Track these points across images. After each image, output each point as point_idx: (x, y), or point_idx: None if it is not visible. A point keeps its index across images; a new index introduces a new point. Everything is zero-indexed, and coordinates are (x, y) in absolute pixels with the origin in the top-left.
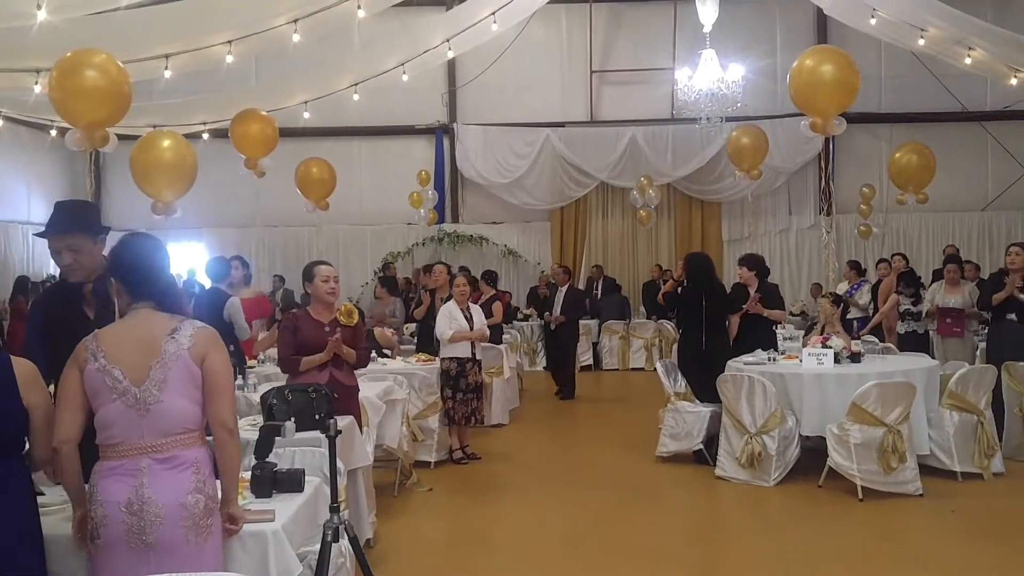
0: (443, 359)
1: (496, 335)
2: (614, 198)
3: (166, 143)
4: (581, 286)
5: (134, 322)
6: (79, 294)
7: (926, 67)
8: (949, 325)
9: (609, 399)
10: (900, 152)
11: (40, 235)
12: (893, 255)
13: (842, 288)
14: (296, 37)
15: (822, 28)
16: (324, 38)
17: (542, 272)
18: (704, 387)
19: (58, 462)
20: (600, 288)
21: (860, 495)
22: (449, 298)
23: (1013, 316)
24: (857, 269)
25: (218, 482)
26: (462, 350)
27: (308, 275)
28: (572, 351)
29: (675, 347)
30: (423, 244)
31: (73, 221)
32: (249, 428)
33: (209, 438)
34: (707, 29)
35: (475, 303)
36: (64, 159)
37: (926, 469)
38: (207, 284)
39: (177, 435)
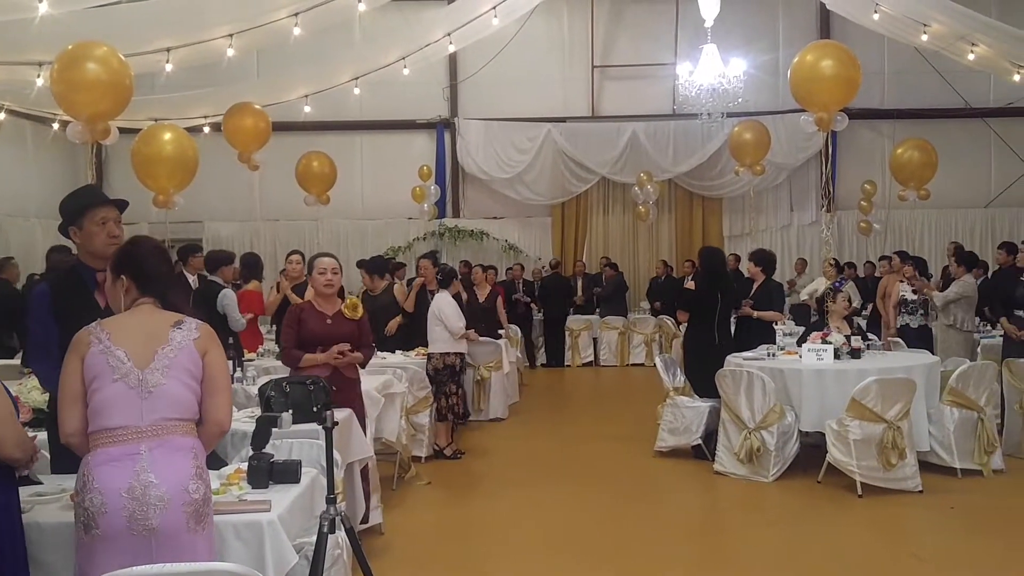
0: (448, 354)
1: (495, 329)
2: (615, 194)
3: (167, 136)
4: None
5: (138, 314)
6: (94, 281)
7: (929, 63)
8: None
9: (608, 394)
10: (902, 148)
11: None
12: (894, 252)
13: (821, 285)
14: (297, 31)
15: (825, 23)
16: (325, 32)
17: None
18: (706, 382)
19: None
20: (604, 283)
21: (859, 491)
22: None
23: (1021, 313)
24: (837, 267)
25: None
26: (463, 345)
27: (309, 267)
28: None
29: (675, 342)
30: (424, 239)
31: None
32: (247, 420)
33: None
34: (709, 24)
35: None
36: (66, 152)
37: (926, 466)
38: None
39: (175, 420)
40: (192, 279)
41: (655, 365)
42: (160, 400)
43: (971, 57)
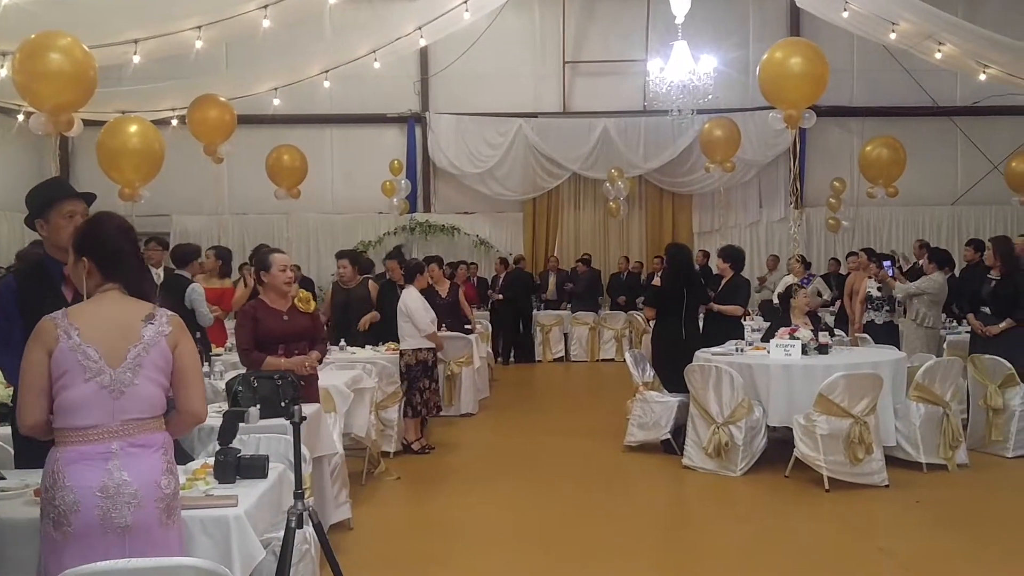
0: (419, 350)
1: (461, 325)
2: (586, 189)
3: (133, 129)
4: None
5: (105, 303)
6: (60, 273)
7: (897, 61)
8: None
9: (579, 389)
10: (871, 146)
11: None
12: (860, 249)
13: (789, 281)
14: (266, 23)
15: (795, 21)
16: (294, 24)
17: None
18: (675, 377)
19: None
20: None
21: (826, 486)
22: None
23: (987, 310)
24: (804, 263)
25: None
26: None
27: (263, 264)
28: None
29: (644, 338)
30: (394, 233)
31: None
32: (215, 415)
33: None
34: (679, 20)
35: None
36: (31, 144)
37: (892, 460)
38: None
39: (146, 419)
40: (156, 273)
41: (625, 360)
42: (132, 401)
43: (938, 56)
